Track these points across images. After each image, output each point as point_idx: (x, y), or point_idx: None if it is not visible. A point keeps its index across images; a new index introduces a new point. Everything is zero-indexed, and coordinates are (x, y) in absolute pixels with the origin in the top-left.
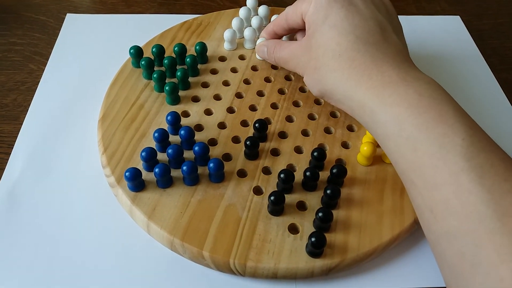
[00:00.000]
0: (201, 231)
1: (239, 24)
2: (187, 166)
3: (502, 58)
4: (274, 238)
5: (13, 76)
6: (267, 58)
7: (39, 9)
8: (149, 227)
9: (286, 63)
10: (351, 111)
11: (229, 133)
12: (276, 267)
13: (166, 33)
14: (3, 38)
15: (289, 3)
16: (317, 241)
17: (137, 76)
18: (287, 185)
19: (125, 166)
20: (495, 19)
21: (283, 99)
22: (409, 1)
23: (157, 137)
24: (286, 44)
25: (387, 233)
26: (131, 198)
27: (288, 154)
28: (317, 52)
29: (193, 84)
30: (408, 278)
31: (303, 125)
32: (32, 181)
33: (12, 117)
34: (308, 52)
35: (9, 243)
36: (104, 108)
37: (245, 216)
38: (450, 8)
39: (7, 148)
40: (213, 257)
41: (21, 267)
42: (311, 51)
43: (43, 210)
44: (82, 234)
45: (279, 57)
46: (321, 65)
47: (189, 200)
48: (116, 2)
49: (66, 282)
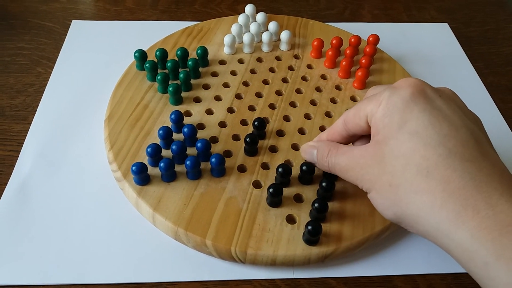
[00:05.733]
0: (204, 222)
1: (238, 30)
2: (190, 161)
3: (488, 63)
4: (273, 228)
5: (21, 79)
6: (318, 163)
7: (46, 16)
8: (155, 218)
9: (345, 172)
10: (447, 250)
11: (230, 131)
12: (275, 254)
13: (169, 39)
14: (11, 43)
15: (285, 11)
16: (313, 229)
17: (141, 78)
18: (285, 178)
19: (130, 162)
20: (481, 27)
21: (280, 99)
22: (400, 9)
23: (162, 134)
24: (344, 148)
25: (379, 224)
26: (137, 191)
27: (285, 150)
28: (394, 165)
29: (195, 86)
30: (399, 266)
31: (300, 124)
32: (41, 177)
33: (21, 117)
34: (379, 163)
35: (21, 235)
36: (110, 108)
37: (245, 207)
38: (439, 16)
39: (17, 146)
40: (215, 245)
41: (32, 257)
42: (384, 163)
43: (52, 204)
44: (90, 226)
45: (335, 163)
46: (400, 183)
47: (192, 193)
48: (119, 9)
49: (74, 272)
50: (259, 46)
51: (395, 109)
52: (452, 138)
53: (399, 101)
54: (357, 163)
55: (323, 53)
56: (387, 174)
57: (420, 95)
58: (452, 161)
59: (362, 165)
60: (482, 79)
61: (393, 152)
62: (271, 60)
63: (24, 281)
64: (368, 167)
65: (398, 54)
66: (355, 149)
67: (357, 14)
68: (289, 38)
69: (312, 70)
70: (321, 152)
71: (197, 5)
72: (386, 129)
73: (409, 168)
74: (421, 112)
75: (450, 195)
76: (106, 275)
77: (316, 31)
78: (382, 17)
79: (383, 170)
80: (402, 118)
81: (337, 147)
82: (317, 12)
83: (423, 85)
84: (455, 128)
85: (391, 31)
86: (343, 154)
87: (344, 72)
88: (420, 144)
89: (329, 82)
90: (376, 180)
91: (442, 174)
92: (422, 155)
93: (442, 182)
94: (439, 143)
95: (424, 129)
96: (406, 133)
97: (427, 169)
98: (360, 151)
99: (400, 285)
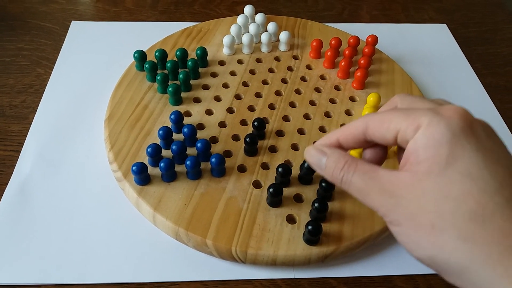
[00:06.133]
0: (205, 221)
1: (237, 31)
2: (190, 161)
3: (486, 63)
4: (273, 228)
5: (21, 79)
6: (325, 173)
7: (45, 17)
8: (155, 218)
9: (364, 195)
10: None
11: (229, 131)
12: (275, 254)
13: (168, 39)
14: (11, 43)
15: (284, 12)
16: (313, 229)
17: (140, 79)
18: (285, 178)
19: (131, 162)
20: (479, 27)
21: (280, 100)
22: (399, 10)
23: (162, 134)
24: (366, 166)
25: (378, 224)
26: (138, 191)
27: (285, 150)
28: (440, 205)
29: (195, 86)
30: (399, 266)
31: (299, 124)
32: (41, 177)
33: (21, 117)
34: (418, 198)
35: (21, 235)
36: (110, 108)
37: (246, 207)
38: (437, 16)
39: (17, 146)
40: (216, 245)
41: (32, 257)
42: (425, 199)
43: (52, 204)
44: (90, 226)
45: (352, 181)
46: (446, 227)
47: (193, 193)
48: (119, 10)
49: (75, 272)
50: (258, 46)
51: (443, 141)
52: (508, 185)
53: (448, 132)
54: (384, 189)
55: (322, 54)
56: (429, 214)
57: (471, 130)
58: (511, 212)
59: (391, 193)
60: (480, 79)
61: (440, 191)
62: (270, 60)
63: (25, 280)
64: (401, 198)
65: (396, 55)
66: (381, 171)
67: (356, 15)
68: (288, 39)
69: (311, 70)
70: (333, 163)
71: (196, 6)
72: (431, 162)
73: (460, 213)
74: (474, 151)
75: (507, 249)
76: (106, 275)
77: (315, 32)
78: (381, 17)
79: (423, 208)
80: (451, 154)
81: (356, 162)
82: (315, 13)
83: (471, 117)
84: (509, 173)
85: (389, 31)
86: (365, 174)
87: (343, 73)
88: (474, 188)
89: (328, 82)
90: (412, 216)
91: (500, 225)
92: (477, 201)
93: (500, 234)
94: (496, 190)
95: (479, 171)
96: (457, 173)
97: (482, 217)
98: (390, 176)
99: (400, 285)
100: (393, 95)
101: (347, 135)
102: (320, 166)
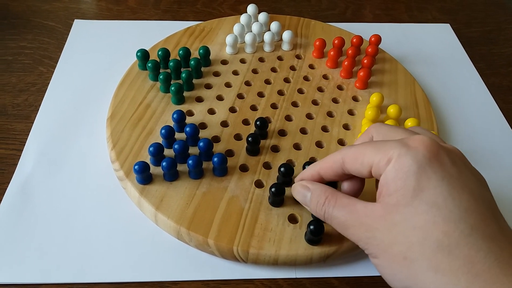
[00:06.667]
0: (206, 221)
1: (240, 30)
2: (192, 160)
3: (490, 63)
4: (275, 227)
5: (23, 78)
6: (311, 209)
7: (48, 15)
8: (157, 217)
9: (344, 228)
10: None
11: (232, 131)
12: (277, 254)
13: (171, 38)
14: (13, 42)
15: (287, 11)
16: (315, 229)
17: (143, 78)
18: (287, 178)
19: (133, 161)
20: (483, 27)
21: (282, 99)
22: (402, 9)
23: (164, 133)
24: (344, 200)
25: None
26: (139, 191)
27: (287, 150)
28: (409, 236)
29: (197, 86)
30: None
31: (302, 123)
32: (43, 176)
33: (23, 116)
34: (389, 230)
35: (23, 234)
36: (112, 107)
37: (247, 207)
38: (440, 16)
39: (20, 145)
40: (217, 245)
41: (34, 256)
42: (396, 231)
43: (54, 203)
44: (92, 225)
45: (333, 216)
46: (416, 258)
47: (195, 192)
48: (122, 9)
49: (76, 270)
50: (261, 46)
51: (410, 173)
52: (473, 212)
53: (414, 164)
54: (361, 222)
55: (325, 53)
56: (400, 245)
57: (436, 160)
58: (475, 239)
59: (367, 227)
60: (483, 79)
61: (409, 222)
62: (273, 60)
63: (26, 279)
64: (375, 231)
65: (399, 55)
66: (358, 204)
67: (359, 14)
68: (291, 38)
69: (314, 70)
70: (316, 198)
71: (199, 5)
72: (399, 194)
73: (428, 244)
74: (439, 181)
75: (475, 277)
76: (108, 274)
77: (318, 31)
78: (384, 17)
79: (394, 239)
80: (418, 185)
81: (336, 196)
82: (318, 12)
83: (437, 147)
84: (474, 200)
85: (392, 31)
86: (344, 207)
87: (346, 72)
88: (440, 217)
89: (331, 82)
90: (386, 248)
91: (466, 253)
92: (443, 231)
93: (466, 263)
94: (460, 218)
95: (443, 200)
96: (424, 204)
97: (449, 246)
98: (365, 209)
99: None
100: (396, 94)
101: (326, 169)
102: (306, 202)
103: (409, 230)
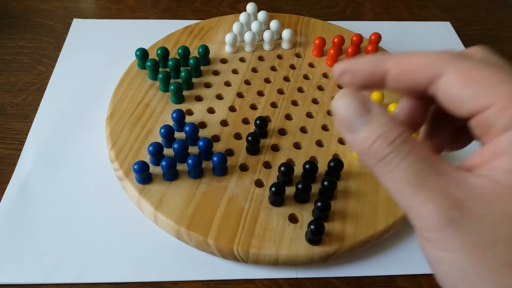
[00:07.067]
0: (206, 221)
1: (239, 29)
2: (192, 160)
3: None
4: (275, 227)
5: (22, 77)
6: (356, 142)
7: (47, 15)
8: (156, 217)
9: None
10: None
11: (231, 130)
12: (277, 253)
13: (170, 37)
14: (12, 41)
15: (286, 9)
16: (316, 229)
17: (142, 77)
18: (287, 177)
19: (132, 161)
20: (483, 25)
21: (282, 98)
22: (402, 7)
23: (163, 133)
24: (429, 152)
25: (382, 223)
26: (139, 190)
27: (287, 149)
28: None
29: (196, 85)
30: (402, 265)
31: (302, 122)
32: (42, 175)
33: (22, 115)
34: (497, 222)
35: (22, 234)
36: (112, 106)
37: (247, 206)
38: (441, 14)
39: (19, 144)
40: (217, 245)
41: (33, 256)
42: (508, 226)
43: (53, 203)
44: (91, 225)
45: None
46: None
47: (194, 192)
48: (120, 8)
49: (76, 271)
50: (261, 44)
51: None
52: None
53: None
54: (444, 193)
55: (324, 52)
56: (507, 247)
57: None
58: None
59: (455, 205)
60: None
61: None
62: (273, 58)
63: (25, 280)
64: (468, 214)
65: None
66: (445, 166)
67: (359, 12)
68: (290, 37)
69: (314, 68)
70: (380, 129)
71: (198, 4)
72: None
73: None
74: None
75: None
76: (107, 274)
77: (318, 30)
78: (384, 15)
79: (501, 236)
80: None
81: (412, 139)
82: (318, 11)
83: None
84: None
85: (392, 29)
86: (424, 161)
87: None
88: None
89: (331, 80)
90: (477, 244)
91: None
92: None
93: None
94: None
95: None
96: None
97: None
98: (459, 177)
99: (403, 285)
100: (397, 93)
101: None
102: (353, 126)
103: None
